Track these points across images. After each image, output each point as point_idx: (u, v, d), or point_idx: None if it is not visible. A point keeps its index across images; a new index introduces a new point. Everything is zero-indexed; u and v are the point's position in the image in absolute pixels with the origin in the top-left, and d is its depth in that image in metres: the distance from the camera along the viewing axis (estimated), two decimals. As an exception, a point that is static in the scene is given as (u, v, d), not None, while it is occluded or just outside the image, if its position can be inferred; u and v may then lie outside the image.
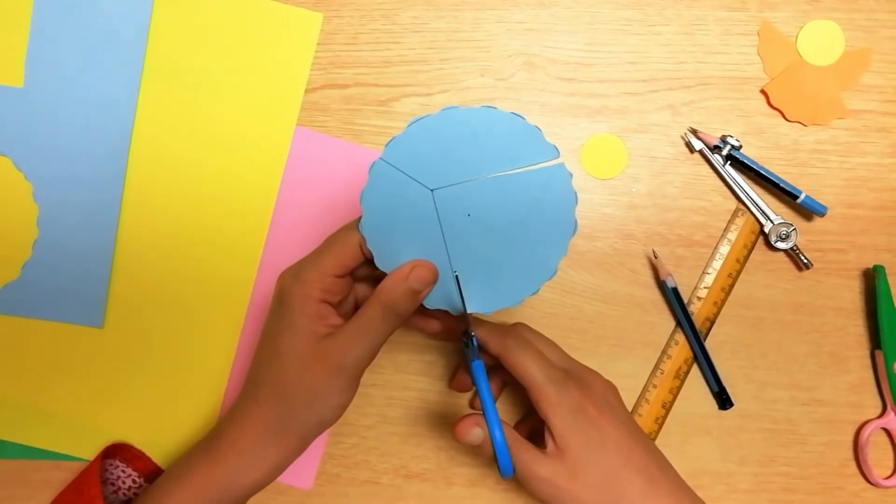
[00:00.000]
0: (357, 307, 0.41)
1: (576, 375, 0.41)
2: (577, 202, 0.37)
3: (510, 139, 0.37)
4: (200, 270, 0.49)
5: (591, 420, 0.39)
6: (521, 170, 0.37)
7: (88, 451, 0.48)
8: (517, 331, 0.43)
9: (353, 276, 0.40)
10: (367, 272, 0.40)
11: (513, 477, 0.39)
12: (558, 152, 0.37)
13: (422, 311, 0.39)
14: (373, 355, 0.38)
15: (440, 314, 0.42)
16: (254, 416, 0.39)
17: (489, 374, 0.42)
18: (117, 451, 0.48)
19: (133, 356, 0.49)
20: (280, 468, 0.40)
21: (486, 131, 0.37)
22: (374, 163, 0.37)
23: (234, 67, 0.49)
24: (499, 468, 0.38)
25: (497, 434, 0.38)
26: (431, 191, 0.37)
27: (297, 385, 0.38)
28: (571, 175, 0.37)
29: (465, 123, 0.37)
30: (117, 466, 0.48)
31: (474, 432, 0.39)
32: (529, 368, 0.40)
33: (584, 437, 0.39)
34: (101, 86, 0.49)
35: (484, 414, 0.38)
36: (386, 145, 0.37)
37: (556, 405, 0.39)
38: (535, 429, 0.42)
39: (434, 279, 0.37)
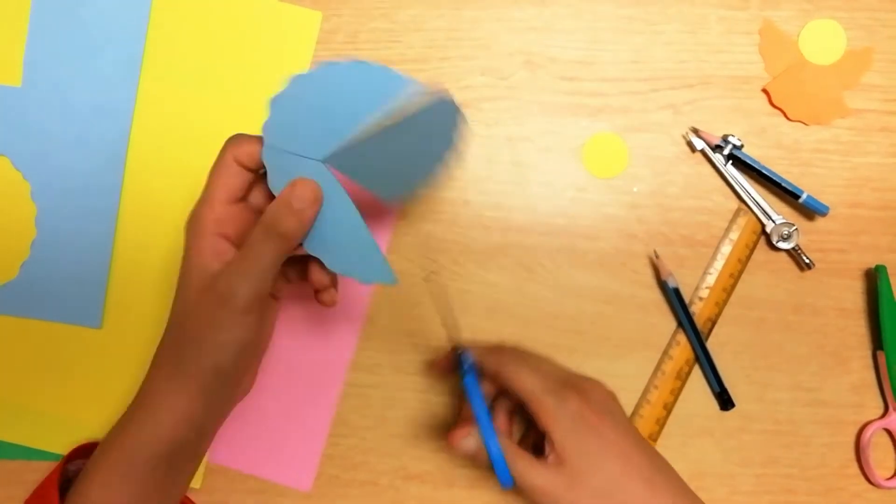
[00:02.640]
0: None
1: (573, 384, 0.41)
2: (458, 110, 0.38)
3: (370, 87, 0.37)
4: (199, 270, 0.48)
5: (592, 427, 0.39)
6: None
7: (86, 452, 0.48)
8: (512, 347, 0.42)
9: (249, 204, 0.39)
10: (264, 198, 0.39)
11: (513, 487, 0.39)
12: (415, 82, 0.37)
13: None
14: (259, 283, 0.36)
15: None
16: (157, 362, 0.38)
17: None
18: (91, 450, 0.47)
19: (131, 357, 0.48)
20: (192, 422, 0.37)
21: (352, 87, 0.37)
22: (263, 150, 0.37)
23: (232, 66, 0.49)
24: (498, 480, 0.38)
25: (493, 447, 0.38)
26: (323, 162, 0.37)
27: (189, 322, 0.37)
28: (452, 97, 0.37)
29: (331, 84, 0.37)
30: None
31: (466, 442, 0.39)
32: (526, 381, 0.40)
33: (584, 445, 0.38)
34: (99, 86, 0.48)
35: (478, 425, 0.38)
36: (264, 128, 0.37)
37: (554, 415, 0.39)
38: (536, 444, 0.41)
39: (317, 197, 0.36)
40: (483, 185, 0.49)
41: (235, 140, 0.38)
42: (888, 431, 0.49)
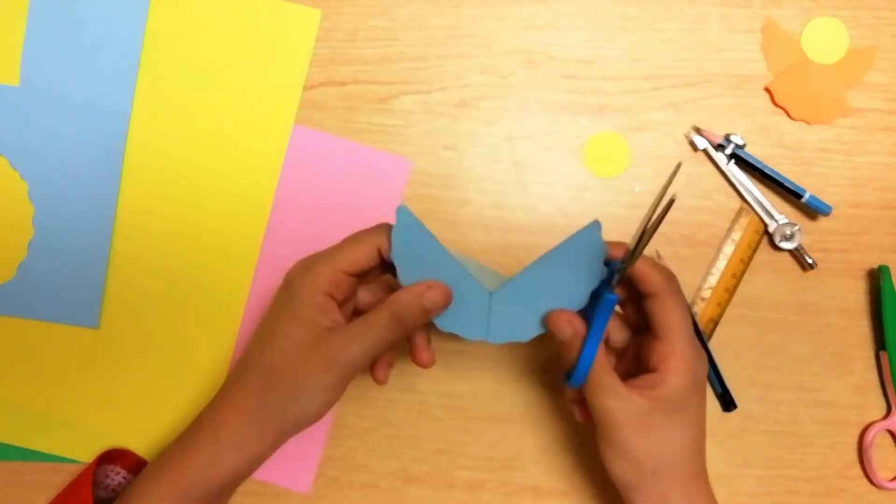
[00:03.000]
0: (357, 313, 0.41)
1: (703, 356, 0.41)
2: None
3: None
4: (197, 270, 0.48)
5: (700, 399, 0.40)
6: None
7: (84, 453, 0.48)
8: (677, 281, 0.41)
9: (360, 277, 0.40)
10: (375, 275, 0.41)
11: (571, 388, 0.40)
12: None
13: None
14: (369, 359, 0.38)
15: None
16: (236, 401, 0.39)
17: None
18: (116, 457, 0.47)
19: (128, 357, 0.48)
20: (255, 461, 0.39)
21: None
22: (393, 245, 0.38)
23: (231, 64, 0.49)
24: (573, 372, 0.38)
25: (592, 347, 0.38)
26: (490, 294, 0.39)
27: (289, 373, 0.38)
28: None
29: None
30: (119, 473, 0.47)
31: (568, 326, 0.38)
32: (681, 325, 0.39)
33: (688, 402, 0.39)
34: (97, 85, 0.48)
35: (590, 325, 0.38)
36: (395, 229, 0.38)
37: (687, 370, 0.39)
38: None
39: (445, 304, 0.38)
40: (483, 184, 0.49)
41: (385, 230, 0.39)
42: (891, 433, 0.49)
